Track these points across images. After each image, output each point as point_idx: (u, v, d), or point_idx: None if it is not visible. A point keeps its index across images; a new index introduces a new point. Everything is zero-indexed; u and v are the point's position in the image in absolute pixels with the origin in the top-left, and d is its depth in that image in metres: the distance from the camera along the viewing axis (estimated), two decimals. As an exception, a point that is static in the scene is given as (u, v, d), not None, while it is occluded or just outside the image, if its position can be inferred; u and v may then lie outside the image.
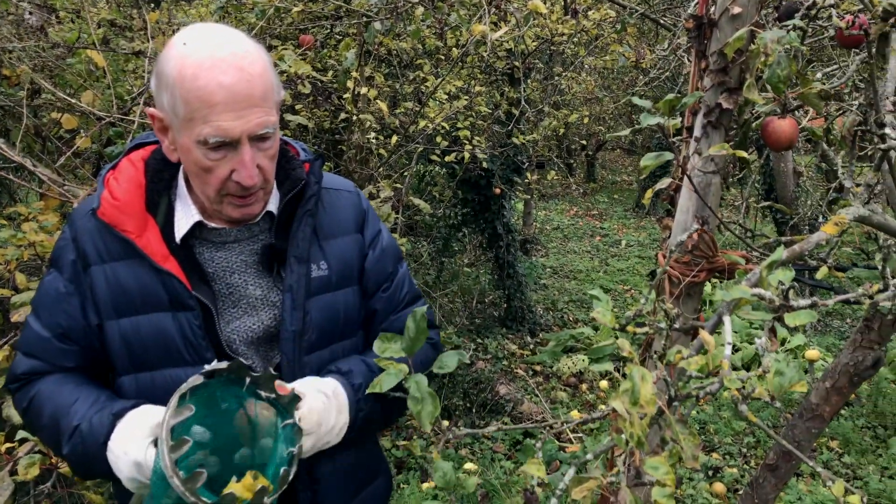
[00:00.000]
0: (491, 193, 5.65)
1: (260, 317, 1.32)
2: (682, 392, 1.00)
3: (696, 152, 1.56)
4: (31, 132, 3.00)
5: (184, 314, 1.26)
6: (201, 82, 1.12)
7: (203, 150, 1.17)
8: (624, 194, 13.62)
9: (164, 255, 1.26)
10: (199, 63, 1.13)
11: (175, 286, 1.25)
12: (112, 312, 1.26)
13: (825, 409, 1.64)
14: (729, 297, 0.90)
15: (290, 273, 1.32)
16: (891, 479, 3.85)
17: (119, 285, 1.26)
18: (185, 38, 1.17)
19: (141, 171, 1.30)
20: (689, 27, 1.58)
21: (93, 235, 1.27)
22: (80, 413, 1.22)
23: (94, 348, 1.30)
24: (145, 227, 1.26)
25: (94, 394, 1.26)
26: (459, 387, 4.56)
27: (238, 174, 1.20)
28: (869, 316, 1.53)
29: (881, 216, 1.31)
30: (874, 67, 1.32)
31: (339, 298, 1.40)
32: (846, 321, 6.15)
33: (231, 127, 1.15)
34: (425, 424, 1.11)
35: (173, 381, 1.23)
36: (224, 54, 1.14)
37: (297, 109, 3.81)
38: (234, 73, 1.14)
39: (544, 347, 5.67)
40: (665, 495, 0.89)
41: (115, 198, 1.25)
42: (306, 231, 1.35)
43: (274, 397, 1.17)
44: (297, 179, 1.36)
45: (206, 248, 1.31)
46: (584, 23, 4.66)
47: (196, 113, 1.14)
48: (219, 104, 1.13)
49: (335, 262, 1.39)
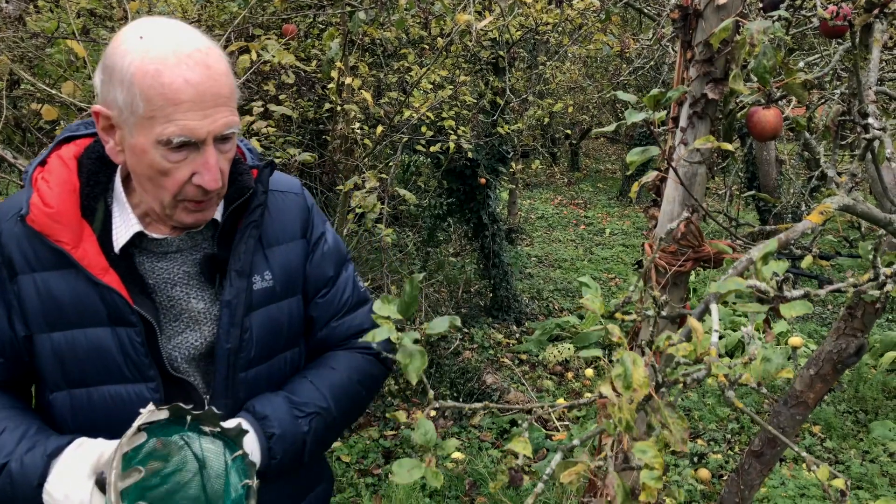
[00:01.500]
0: (476, 183, 5.65)
1: (202, 331, 1.26)
2: (670, 378, 1.01)
3: (682, 143, 1.57)
4: (11, 124, 2.96)
5: (124, 329, 1.18)
6: (166, 79, 1.06)
7: (163, 150, 1.10)
8: (608, 183, 13.67)
9: (104, 267, 1.17)
10: (162, 59, 1.06)
11: (115, 300, 1.17)
12: (43, 325, 1.17)
13: (809, 395, 1.66)
14: (724, 289, 0.91)
15: (229, 287, 1.25)
16: (872, 462, 3.91)
17: (51, 297, 1.16)
18: (141, 31, 1.09)
19: (74, 171, 1.20)
20: (674, 17, 1.58)
21: (20, 242, 1.16)
22: (8, 448, 1.13)
23: (21, 362, 1.21)
24: (81, 235, 1.16)
25: (23, 425, 1.17)
26: (446, 376, 4.58)
27: (201, 177, 1.13)
28: (852, 304, 1.55)
29: (865, 205, 1.33)
30: (857, 58, 1.33)
31: (283, 309, 1.34)
32: (828, 308, 6.23)
33: (197, 126, 1.09)
34: (412, 377, 1.13)
35: (112, 399, 1.19)
36: (188, 50, 1.08)
37: (280, 100, 3.79)
38: (200, 70, 1.08)
39: (530, 336, 5.70)
40: (653, 478, 0.90)
41: (48, 204, 1.14)
42: (249, 243, 1.28)
43: (219, 431, 1.13)
44: (244, 188, 1.28)
45: (147, 258, 1.23)
46: (569, 12, 4.66)
47: (159, 111, 1.07)
48: (185, 102, 1.07)
49: (279, 272, 1.33)
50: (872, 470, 3.79)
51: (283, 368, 1.37)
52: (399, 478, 1.10)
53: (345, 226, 3.92)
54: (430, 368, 4.62)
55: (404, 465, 1.14)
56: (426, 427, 1.18)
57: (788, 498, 3.48)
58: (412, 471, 1.11)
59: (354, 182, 3.49)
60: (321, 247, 1.42)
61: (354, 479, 3.60)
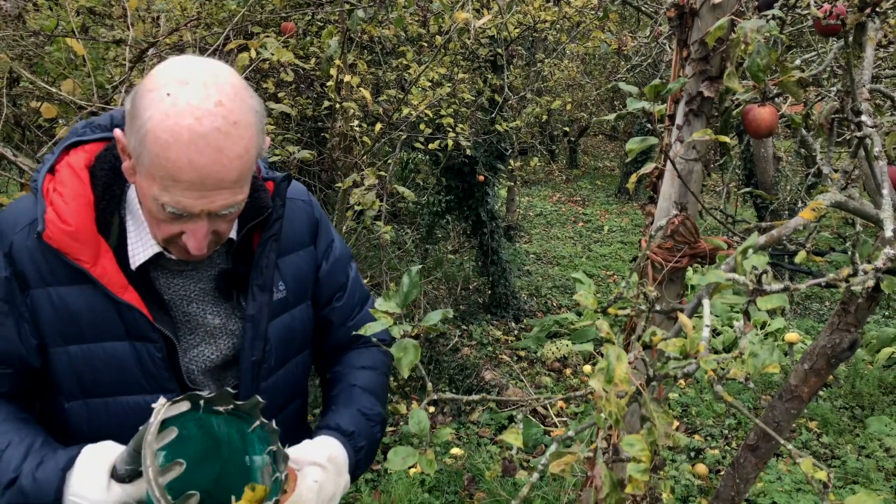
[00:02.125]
0: (474, 180, 5.66)
1: (218, 345, 1.27)
2: (661, 372, 1.03)
3: (679, 140, 1.59)
4: (11, 121, 2.98)
5: (143, 345, 1.18)
6: (173, 155, 1.01)
7: (158, 205, 1.08)
8: (606, 180, 13.68)
9: (123, 285, 1.16)
10: (176, 132, 1.01)
11: (136, 318, 1.16)
12: (59, 339, 1.16)
13: (804, 390, 1.68)
14: (706, 282, 0.93)
15: (251, 302, 1.26)
16: (868, 458, 3.94)
17: (68, 312, 1.15)
18: (174, 83, 1.03)
19: (87, 183, 1.17)
20: (671, 16, 1.60)
21: (33, 255, 1.14)
22: (15, 463, 1.12)
23: (30, 373, 1.20)
24: (98, 252, 1.15)
25: (28, 438, 1.16)
26: (445, 373, 4.59)
27: (187, 240, 1.12)
28: (845, 299, 1.57)
29: (857, 202, 1.34)
30: (850, 56, 1.35)
31: (295, 316, 1.36)
32: (825, 304, 6.25)
33: (191, 205, 1.06)
34: (404, 371, 1.16)
35: (130, 408, 1.20)
36: (206, 129, 1.01)
37: (279, 97, 3.80)
38: (210, 154, 1.02)
39: (528, 333, 5.71)
40: (640, 471, 0.92)
41: (65, 221, 1.12)
42: (271, 257, 1.28)
43: (232, 408, 1.15)
44: (262, 207, 1.27)
45: (162, 275, 1.23)
46: (567, 9, 4.67)
47: (159, 179, 1.04)
48: (184, 182, 1.03)
49: (291, 281, 1.34)
50: (868, 465, 3.81)
51: (296, 372, 1.41)
52: (394, 465, 1.12)
53: (343, 223, 3.93)
54: (429, 365, 4.63)
55: (399, 452, 1.16)
56: (419, 416, 1.21)
57: (785, 492, 3.51)
58: (407, 458, 1.13)
59: (353, 179, 3.50)
60: (332, 254, 1.44)
61: (353, 474, 3.62)
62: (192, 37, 3.30)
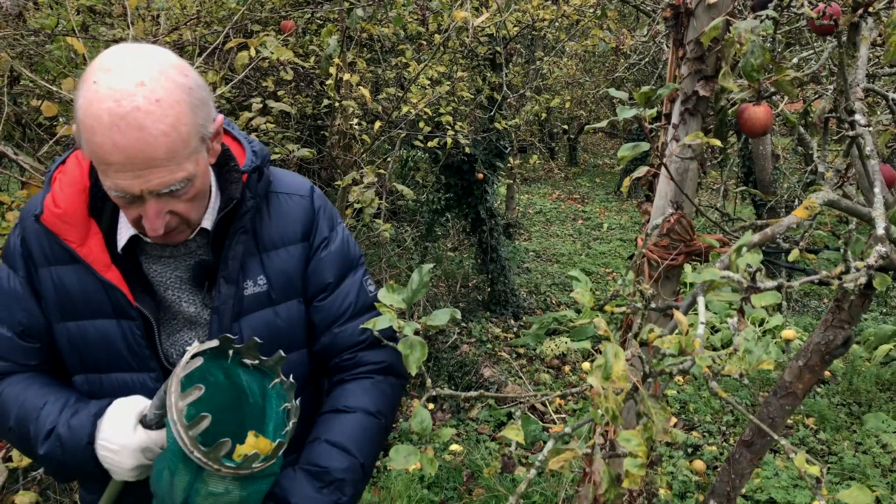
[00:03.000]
0: (474, 178, 5.68)
1: (198, 333, 1.31)
2: (657, 369, 1.04)
3: (674, 139, 1.60)
4: (12, 120, 2.99)
5: (126, 322, 1.25)
6: (98, 139, 1.04)
7: (112, 192, 1.12)
8: (606, 177, 13.70)
9: (106, 264, 1.23)
10: (98, 116, 1.03)
11: (118, 296, 1.24)
12: (58, 315, 1.27)
13: (798, 386, 1.70)
14: (700, 280, 0.94)
15: (217, 294, 1.28)
16: (864, 454, 3.96)
17: (64, 289, 1.25)
18: (101, 70, 1.05)
19: (86, 171, 1.25)
20: (666, 16, 1.61)
21: (39, 238, 1.26)
22: (52, 417, 1.22)
23: (54, 345, 1.30)
24: (87, 234, 1.23)
25: (63, 396, 1.26)
26: (444, 370, 4.61)
27: (144, 222, 1.15)
28: (839, 297, 1.58)
29: (849, 200, 1.36)
30: (844, 56, 1.36)
31: (280, 312, 1.35)
32: (823, 301, 6.27)
33: (129, 185, 1.08)
34: (412, 368, 1.18)
35: (121, 385, 1.27)
36: (125, 109, 1.03)
37: (279, 96, 3.81)
38: (132, 133, 1.04)
39: (528, 330, 5.73)
40: (636, 465, 0.94)
41: (57, 205, 1.21)
42: (238, 250, 1.29)
43: (258, 363, 1.22)
44: (231, 197, 1.28)
45: (146, 259, 1.29)
46: (565, 8, 4.68)
47: (97, 165, 1.09)
48: (114, 164, 1.06)
49: (276, 276, 1.33)
50: (865, 461, 3.83)
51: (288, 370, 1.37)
52: (396, 464, 1.13)
53: (343, 221, 3.94)
54: (429, 362, 4.65)
55: (401, 451, 1.18)
56: (423, 415, 1.22)
57: (782, 488, 3.53)
58: (409, 457, 1.14)
59: (353, 177, 3.51)
60: (323, 250, 1.40)
61: (353, 471, 3.64)
62: (192, 35, 3.31)
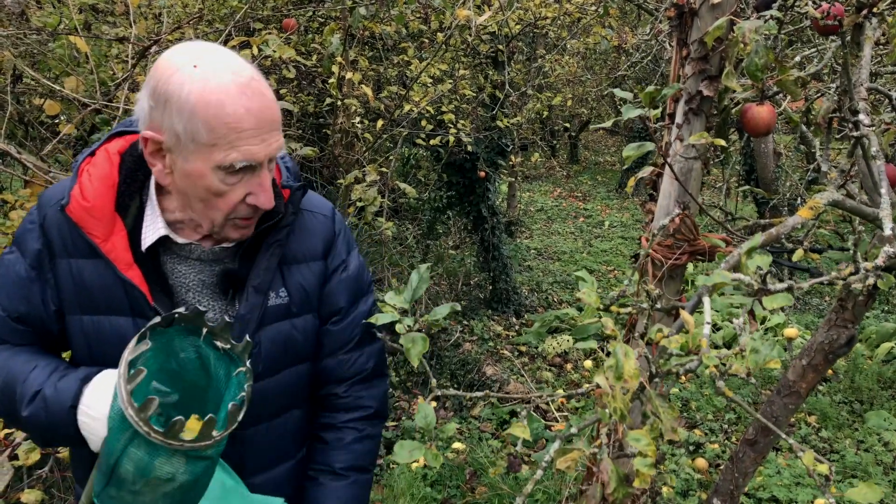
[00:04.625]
0: (476, 176, 5.68)
1: None
2: (663, 369, 1.05)
3: (678, 138, 1.61)
4: (15, 118, 2.99)
5: (143, 321, 1.22)
6: (229, 109, 1.11)
7: (222, 175, 1.16)
8: (607, 175, 13.69)
9: (128, 262, 1.23)
10: (223, 89, 1.11)
11: (136, 296, 1.24)
12: (75, 308, 1.26)
13: (802, 385, 1.70)
14: (711, 282, 0.95)
15: (244, 302, 1.29)
16: (866, 451, 3.96)
17: (83, 283, 1.24)
18: (193, 59, 1.13)
19: (116, 166, 1.25)
20: (670, 16, 1.61)
21: (60, 228, 1.24)
22: (41, 379, 1.22)
23: (49, 333, 1.29)
24: (112, 230, 1.23)
25: (53, 362, 1.26)
26: (447, 368, 4.62)
27: (255, 197, 1.20)
28: (843, 296, 1.59)
29: (853, 201, 1.36)
30: (848, 56, 1.37)
31: (297, 325, 1.37)
32: (824, 299, 6.27)
33: (257, 151, 1.15)
34: (414, 361, 1.19)
35: None
36: (245, 79, 1.13)
37: (282, 94, 3.81)
38: (258, 98, 1.14)
39: (529, 328, 5.74)
40: (646, 465, 0.95)
41: (85, 198, 1.21)
42: (272, 261, 1.32)
43: (229, 347, 1.21)
44: (274, 211, 1.30)
45: (170, 260, 1.29)
46: (567, 6, 4.68)
47: (222, 139, 1.13)
48: (247, 130, 1.13)
49: (295, 290, 1.36)
50: (867, 459, 3.84)
51: (291, 381, 1.40)
52: (400, 458, 1.14)
53: (345, 219, 3.95)
54: (431, 360, 4.66)
55: (405, 446, 1.18)
56: (426, 411, 1.23)
57: (784, 486, 3.53)
58: (413, 452, 1.15)
59: (355, 176, 3.52)
60: (338, 274, 1.42)
61: (356, 469, 3.64)
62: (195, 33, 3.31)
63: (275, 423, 1.39)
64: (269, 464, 1.40)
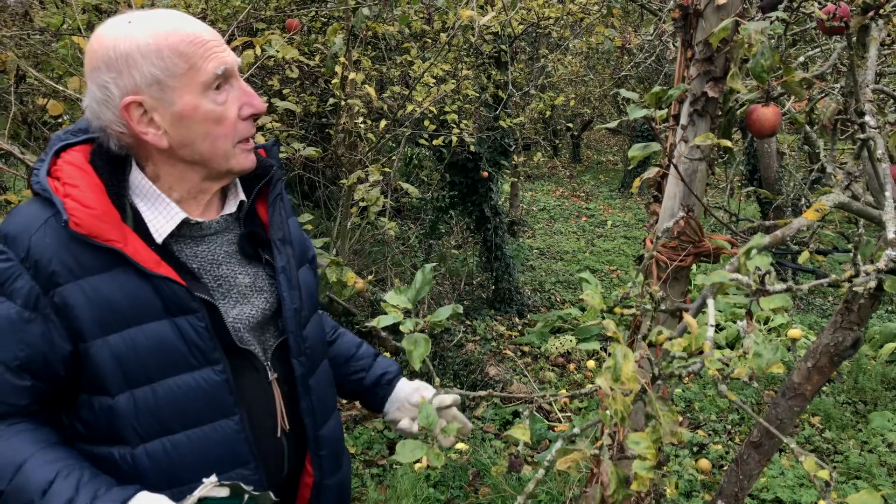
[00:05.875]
0: (478, 176, 5.67)
1: (253, 303, 1.32)
2: (666, 371, 1.04)
3: (683, 140, 1.60)
4: (18, 119, 2.99)
5: (184, 318, 1.19)
6: (186, 29, 1.17)
7: (212, 95, 1.19)
8: (609, 175, 13.68)
9: (156, 260, 1.18)
10: (168, 21, 1.17)
11: (174, 290, 1.18)
12: (98, 331, 1.15)
13: (807, 387, 1.70)
14: (710, 282, 0.95)
15: (279, 255, 1.35)
16: (870, 453, 3.95)
17: (104, 300, 1.15)
18: (122, 21, 1.16)
19: (94, 174, 1.19)
20: (675, 17, 1.61)
21: (58, 252, 1.14)
22: (68, 495, 1.10)
23: (57, 378, 1.18)
24: (125, 233, 1.17)
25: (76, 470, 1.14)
26: (450, 368, 4.62)
27: (249, 104, 1.24)
28: (849, 298, 1.58)
29: (860, 203, 1.36)
30: (854, 57, 1.36)
31: (304, 275, 1.44)
32: (828, 299, 6.26)
33: (226, 57, 1.20)
34: (416, 363, 1.19)
35: (180, 389, 1.20)
36: (176, 14, 1.20)
37: (284, 94, 3.82)
38: (197, 21, 1.20)
39: (532, 328, 5.73)
40: (646, 468, 0.94)
41: (90, 206, 1.13)
42: (283, 215, 1.39)
43: None
44: (266, 166, 1.38)
45: (186, 245, 1.27)
46: (570, 6, 4.67)
47: (195, 56, 1.16)
48: (209, 41, 1.18)
49: (297, 243, 1.44)
50: (871, 460, 3.83)
51: (319, 326, 1.48)
52: (402, 457, 1.14)
53: (348, 219, 3.95)
54: (434, 360, 4.65)
55: (407, 445, 1.18)
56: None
57: (787, 488, 3.53)
58: (415, 451, 1.15)
59: (358, 176, 3.52)
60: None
61: (360, 469, 3.65)
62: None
63: (321, 372, 1.46)
64: (327, 412, 1.46)
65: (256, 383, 1.32)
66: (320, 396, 1.42)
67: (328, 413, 1.46)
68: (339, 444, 1.51)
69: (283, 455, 1.36)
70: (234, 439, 1.25)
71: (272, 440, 1.34)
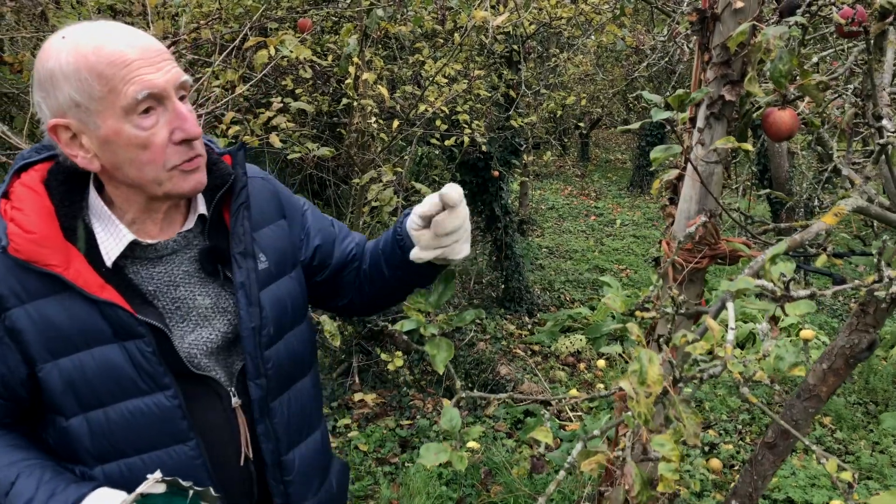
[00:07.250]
0: (489, 176, 5.69)
1: (214, 326, 1.26)
2: (687, 374, 1.06)
3: (700, 143, 1.61)
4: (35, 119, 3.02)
5: (133, 343, 1.16)
6: (109, 48, 1.08)
7: (135, 120, 1.10)
8: (618, 173, 13.66)
9: (100, 284, 1.14)
10: (96, 37, 1.09)
11: (119, 315, 1.14)
12: (47, 355, 1.14)
13: (822, 389, 1.70)
14: (735, 288, 0.96)
15: (238, 270, 1.26)
16: (881, 453, 3.95)
17: (50, 324, 1.13)
18: (58, 36, 1.10)
19: (45, 196, 1.16)
20: (692, 20, 1.62)
21: (5, 276, 1.12)
22: (28, 495, 1.12)
23: (18, 398, 1.18)
24: (69, 257, 1.13)
25: (37, 470, 1.15)
26: (461, 368, 4.64)
27: (180, 129, 1.13)
28: (864, 301, 1.59)
29: (878, 208, 1.36)
30: (872, 61, 1.37)
31: (281, 287, 1.35)
32: (839, 299, 6.24)
33: (155, 78, 1.10)
34: (439, 367, 1.20)
35: (131, 414, 1.18)
36: (114, 25, 1.12)
37: (297, 94, 3.83)
38: (134, 33, 1.12)
39: (542, 327, 5.74)
40: (670, 470, 0.96)
41: (28, 231, 1.11)
42: (245, 225, 1.29)
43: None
44: (225, 174, 1.29)
45: (142, 267, 1.22)
46: (583, 6, 4.67)
47: (114, 80, 1.08)
48: (135, 60, 1.08)
49: (271, 253, 1.34)
50: (882, 461, 3.82)
51: (295, 345, 1.38)
52: (426, 460, 1.16)
53: (360, 218, 3.97)
54: (445, 359, 4.67)
55: (431, 448, 1.20)
56: (451, 414, 1.25)
57: (799, 488, 3.53)
58: (439, 454, 1.17)
59: (370, 176, 3.54)
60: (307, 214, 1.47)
61: (372, 467, 3.67)
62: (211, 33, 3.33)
63: (293, 392, 1.38)
64: (298, 437, 1.38)
65: (217, 409, 1.26)
66: (287, 419, 1.35)
67: (298, 436, 1.39)
68: (317, 467, 1.45)
69: (250, 482, 1.32)
70: (191, 465, 1.21)
71: (235, 467, 1.29)
